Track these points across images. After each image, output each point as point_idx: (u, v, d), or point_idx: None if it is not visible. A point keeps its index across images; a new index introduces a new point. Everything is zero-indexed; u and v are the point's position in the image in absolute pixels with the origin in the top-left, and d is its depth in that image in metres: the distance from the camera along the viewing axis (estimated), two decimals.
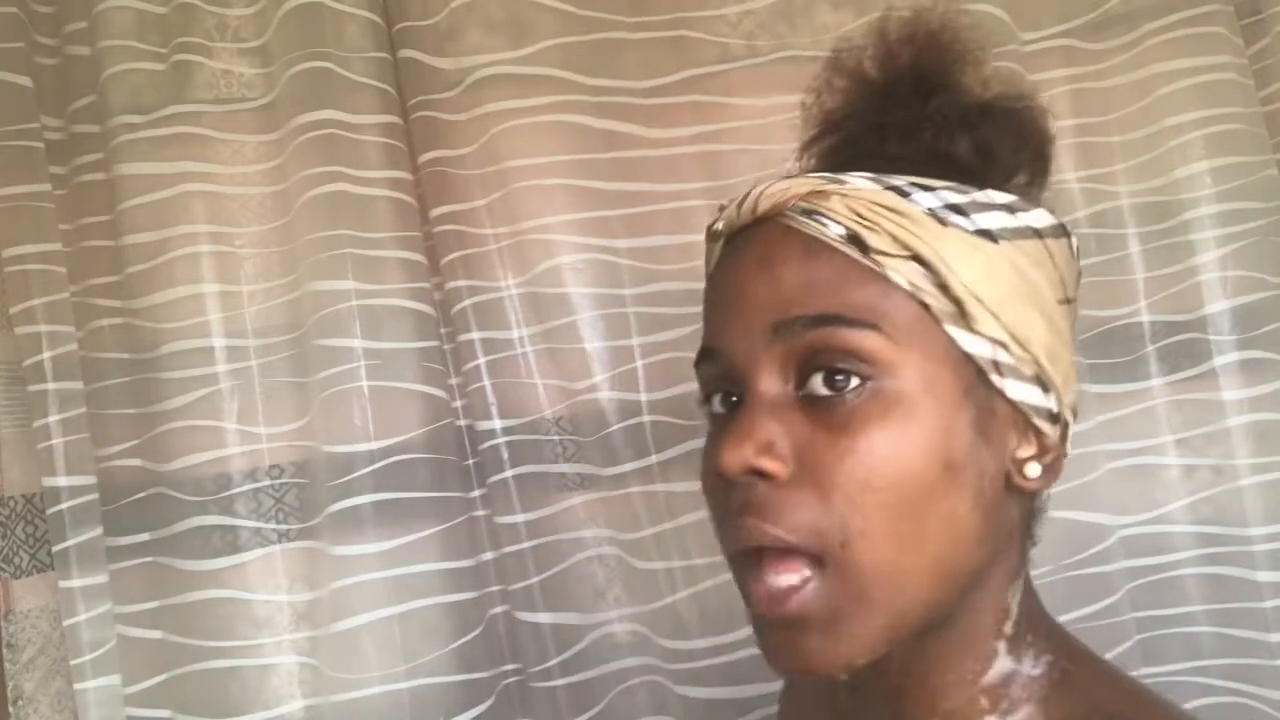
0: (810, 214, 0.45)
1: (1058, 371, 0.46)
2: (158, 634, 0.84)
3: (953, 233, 0.45)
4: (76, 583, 0.81)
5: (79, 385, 0.84)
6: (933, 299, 0.44)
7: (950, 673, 0.47)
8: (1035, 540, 0.50)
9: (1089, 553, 0.90)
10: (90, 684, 0.81)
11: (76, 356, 0.85)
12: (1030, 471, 0.47)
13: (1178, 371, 0.95)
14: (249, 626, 0.84)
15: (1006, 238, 0.46)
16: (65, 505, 0.81)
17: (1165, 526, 0.94)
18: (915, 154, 0.48)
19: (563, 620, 0.88)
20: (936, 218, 0.45)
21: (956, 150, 0.48)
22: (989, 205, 0.46)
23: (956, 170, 0.47)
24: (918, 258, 0.44)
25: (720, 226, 0.50)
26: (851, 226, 0.44)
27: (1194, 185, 0.93)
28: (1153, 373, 0.95)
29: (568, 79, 0.91)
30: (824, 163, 0.52)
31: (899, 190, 0.45)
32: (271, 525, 0.86)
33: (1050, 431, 0.47)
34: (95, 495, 0.84)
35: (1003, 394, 0.45)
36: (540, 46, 0.90)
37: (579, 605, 0.89)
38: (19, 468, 0.85)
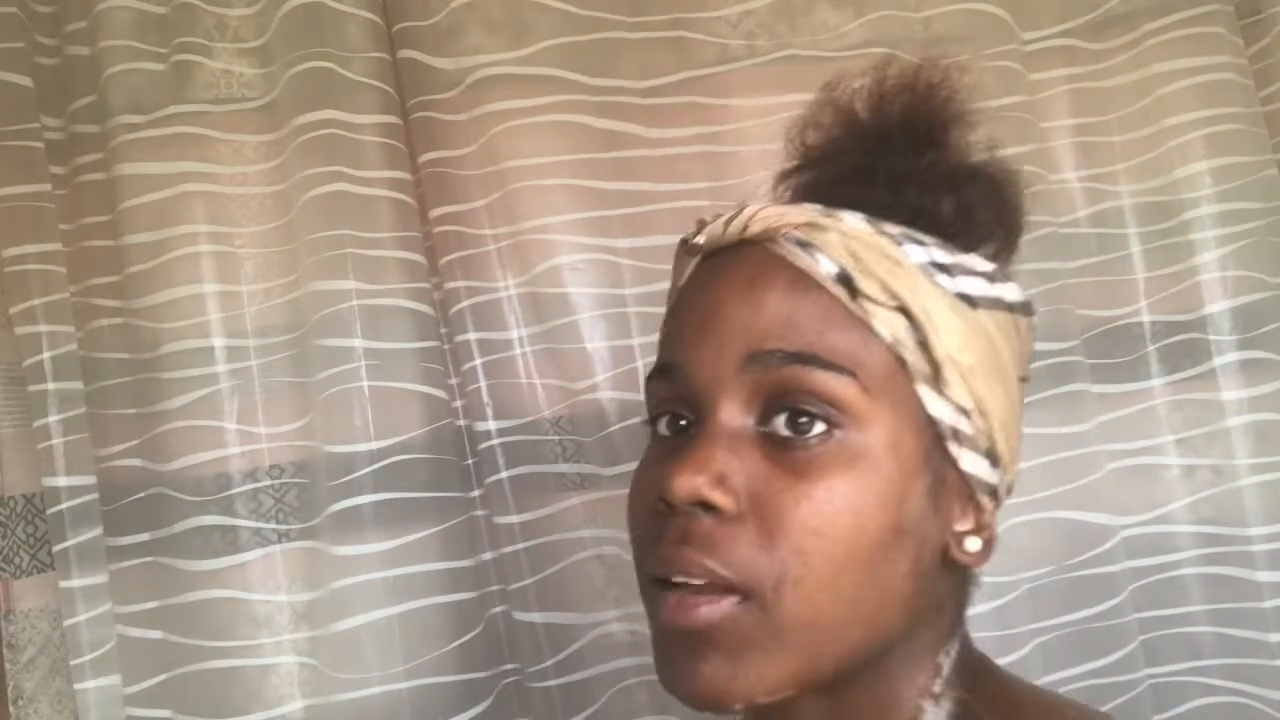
0: (804, 245, 0.44)
1: (1009, 448, 0.46)
2: (158, 634, 0.84)
3: (939, 292, 0.44)
4: (76, 583, 0.81)
5: (79, 385, 0.84)
6: (911, 355, 0.43)
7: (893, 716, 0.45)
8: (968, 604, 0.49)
9: (1092, 553, 0.90)
10: (90, 684, 0.81)
11: (76, 356, 0.85)
12: (970, 546, 0.46)
13: (1178, 371, 0.95)
14: (249, 626, 0.84)
15: (984, 306, 0.45)
16: (65, 505, 0.81)
17: (1166, 527, 0.94)
18: (899, 205, 0.47)
19: (561, 620, 0.88)
20: (926, 273, 0.44)
21: (940, 209, 0.47)
22: (971, 270, 0.46)
23: (934, 228, 0.47)
24: (905, 310, 0.43)
25: (701, 241, 0.48)
26: (845, 266, 0.43)
27: (1194, 185, 0.94)
28: (1153, 373, 0.96)
29: (568, 79, 0.91)
30: (801, 198, 0.51)
31: (894, 238, 0.45)
32: (271, 525, 0.85)
33: (989, 507, 0.47)
34: (95, 495, 0.84)
35: (956, 463, 0.45)
36: (540, 46, 0.90)
37: (578, 605, 0.89)
38: (19, 468, 0.85)
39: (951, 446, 0.44)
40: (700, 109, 0.93)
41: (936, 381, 0.44)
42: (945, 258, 0.45)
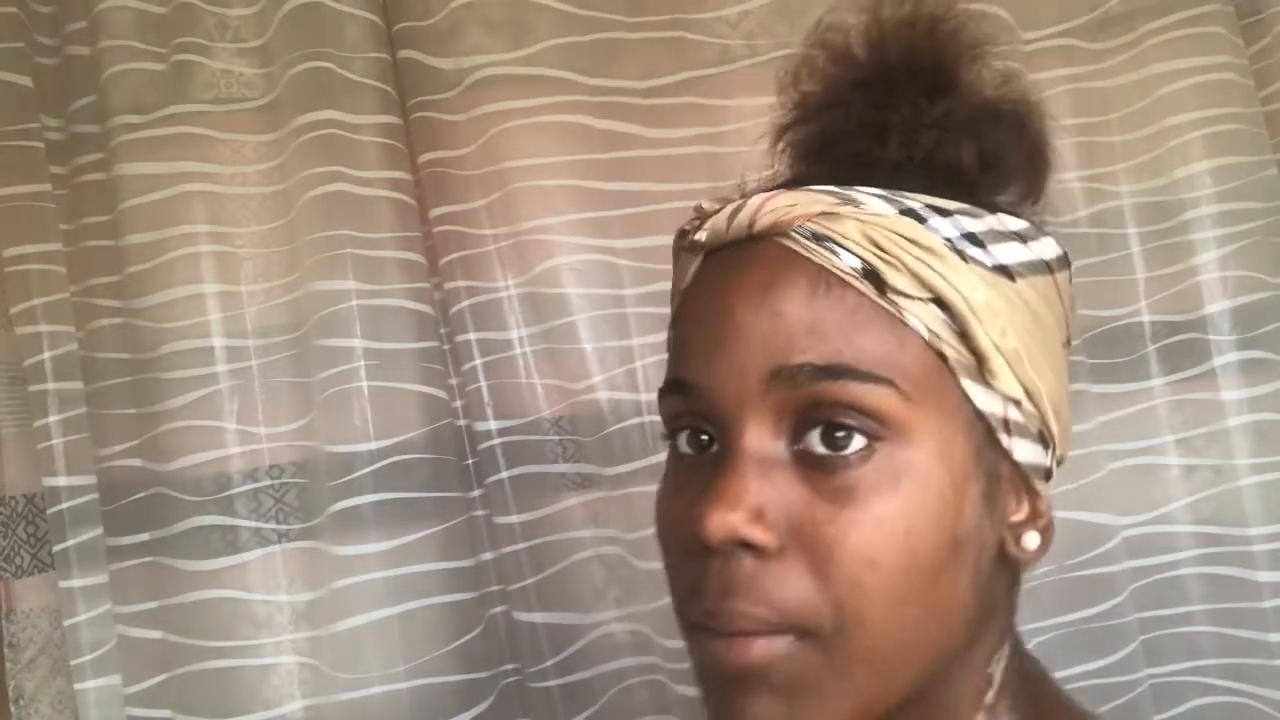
0: (820, 239, 0.39)
1: (1060, 425, 0.43)
2: (158, 634, 0.85)
3: (974, 270, 0.39)
4: (77, 583, 0.81)
5: (79, 385, 0.84)
6: (951, 350, 0.39)
7: None
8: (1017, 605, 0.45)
9: (1093, 553, 0.90)
10: (90, 684, 0.81)
11: (77, 356, 0.85)
12: (1029, 542, 0.42)
13: (1178, 371, 0.95)
14: (249, 626, 0.84)
15: (1022, 274, 0.41)
16: (65, 505, 0.82)
17: (1166, 527, 0.94)
18: (911, 159, 0.42)
19: (561, 620, 0.88)
20: (957, 251, 0.39)
21: (962, 160, 0.43)
22: (1004, 234, 0.41)
23: (957, 180, 0.42)
24: (939, 300, 0.39)
25: (702, 238, 0.43)
26: (869, 259, 0.39)
27: (1194, 185, 0.93)
28: (1153, 373, 0.95)
29: (568, 79, 0.91)
30: (802, 158, 0.47)
31: (916, 215, 0.40)
32: (271, 525, 0.86)
33: (1044, 491, 0.43)
34: (95, 495, 0.84)
35: (1009, 455, 0.41)
36: (540, 47, 0.90)
37: (578, 605, 0.89)
38: (19, 467, 0.85)
39: (1003, 439, 0.41)
40: (700, 109, 0.93)
41: (981, 374, 0.40)
42: (975, 225, 0.41)
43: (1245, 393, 0.92)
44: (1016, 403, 0.40)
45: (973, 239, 0.40)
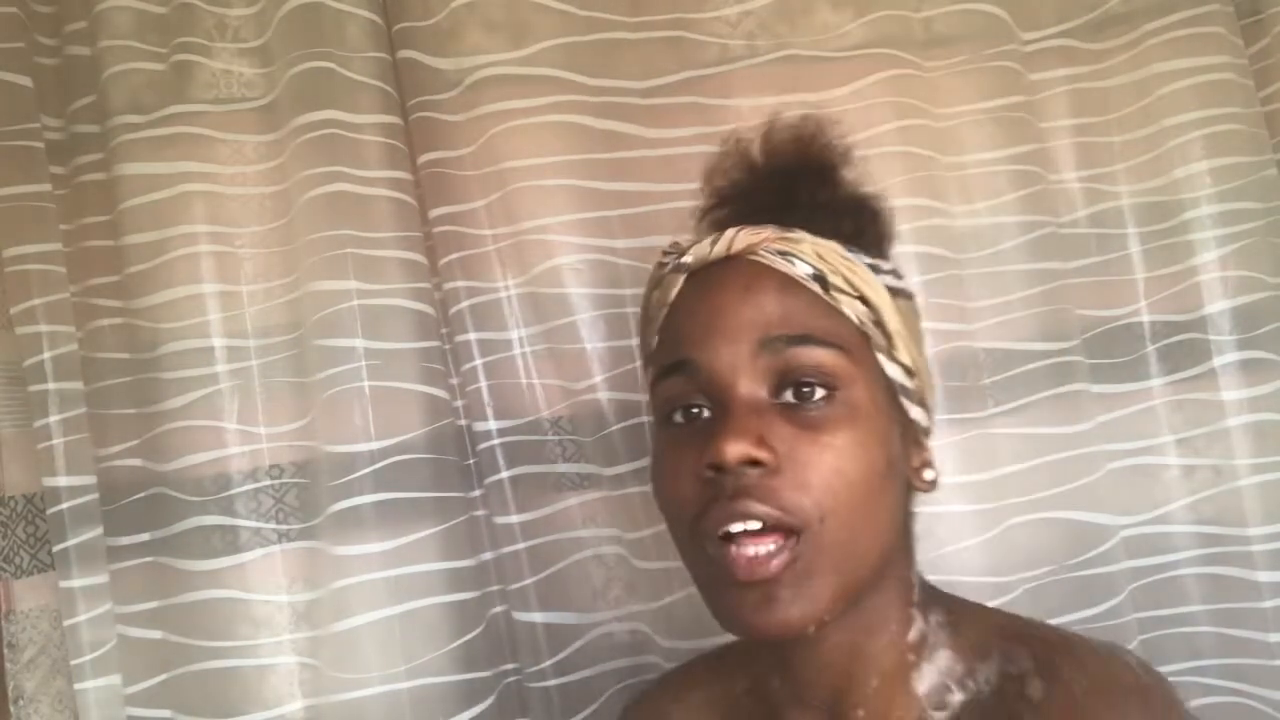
0: (784, 255, 0.56)
1: (931, 400, 0.61)
2: (158, 634, 0.84)
3: (879, 282, 0.57)
4: (77, 583, 0.81)
5: (79, 385, 0.84)
6: (871, 331, 0.56)
7: (883, 636, 0.56)
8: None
9: (1093, 553, 0.90)
10: (90, 684, 0.81)
11: (76, 356, 0.84)
12: (927, 475, 0.59)
13: (1178, 371, 0.95)
14: (249, 626, 0.84)
15: (901, 294, 0.59)
16: (65, 505, 0.81)
17: (1166, 527, 0.94)
18: (811, 228, 0.57)
19: (561, 620, 0.88)
20: (870, 269, 0.57)
21: (842, 228, 0.59)
22: (887, 270, 0.60)
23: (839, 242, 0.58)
24: (863, 298, 0.56)
25: (689, 260, 0.58)
26: (818, 268, 0.55)
27: (1194, 185, 0.94)
28: (1153, 373, 0.95)
29: (568, 79, 0.91)
30: (720, 230, 0.61)
31: (846, 246, 0.58)
32: (271, 525, 0.85)
33: (929, 446, 0.60)
34: (95, 495, 0.84)
35: (906, 413, 0.58)
36: (540, 47, 0.90)
37: (578, 605, 0.89)
38: (19, 468, 0.85)
39: (903, 399, 0.57)
40: (700, 109, 0.93)
41: (890, 350, 0.56)
42: (875, 261, 0.59)
43: (1245, 393, 0.92)
44: (909, 373, 0.57)
45: (874, 267, 0.58)
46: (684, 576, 0.90)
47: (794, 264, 0.55)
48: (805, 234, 0.57)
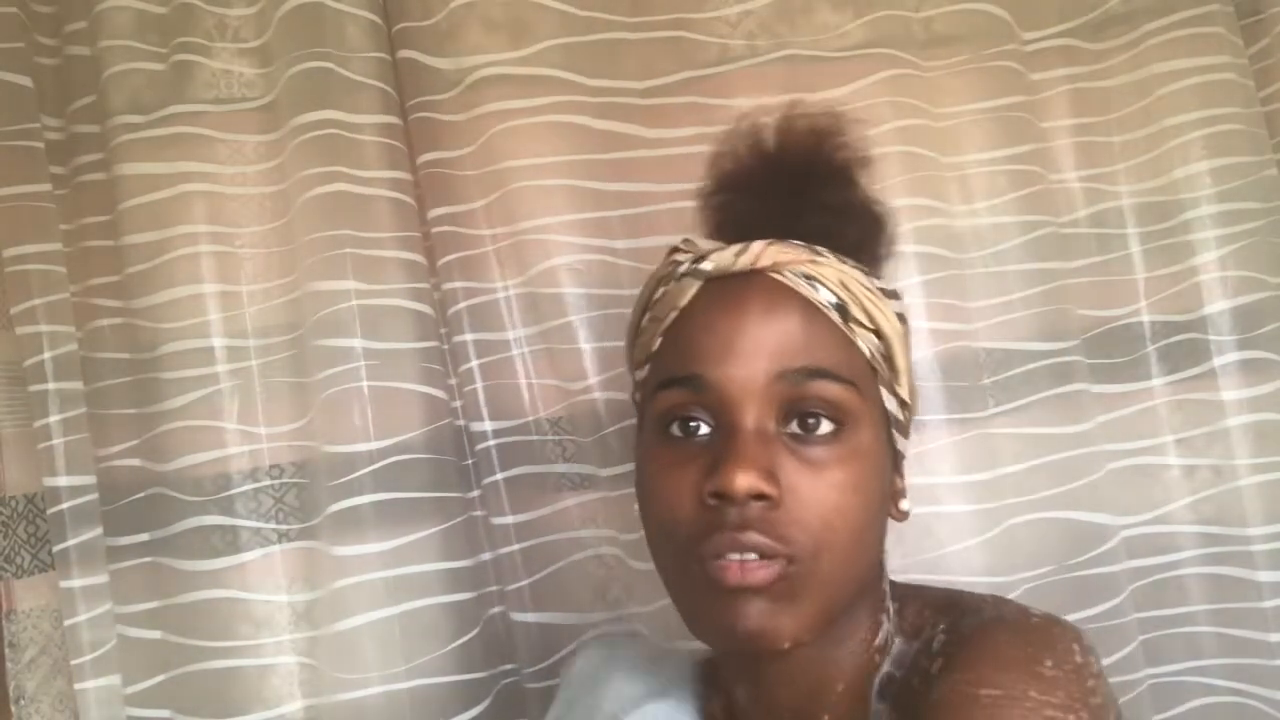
0: (809, 279, 0.54)
1: (911, 428, 0.60)
2: (158, 634, 0.85)
3: (890, 311, 0.56)
4: (77, 583, 0.81)
5: (79, 385, 0.84)
6: (879, 366, 0.55)
7: (852, 644, 0.56)
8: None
9: (1093, 553, 0.90)
10: (90, 684, 0.81)
11: (76, 356, 0.85)
12: (904, 506, 0.59)
13: (1178, 371, 0.95)
14: (249, 626, 0.84)
15: (902, 320, 0.58)
16: (65, 505, 0.81)
17: (1166, 527, 0.94)
18: (813, 230, 0.56)
19: (557, 620, 0.88)
20: (885, 297, 0.56)
21: (846, 235, 0.58)
22: (893, 294, 0.58)
23: (839, 250, 0.56)
24: (878, 331, 0.55)
25: (709, 267, 0.55)
26: (841, 297, 0.54)
27: (1194, 185, 0.93)
28: (1153, 373, 0.95)
29: (567, 79, 0.91)
30: (723, 218, 0.61)
31: (865, 272, 0.56)
32: (271, 525, 0.86)
33: (904, 473, 0.59)
34: (95, 495, 0.84)
35: (894, 444, 0.57)
36: (540, 47, 0.90)
37: (575, 605, 0.89)
38: (20, 468, 0.85)
39: (894, 432, 0.57)
40: (700, 109, 0.92)
41: (892, 383, 0.56)
42: (884, 283, 0.58)
43: (1245, 393, 0.92)
44: (904, 406, 0.57)
45: (888, 293, 0.57)
46: None
47: (817, 290, 0.54)
48: (831, 256, 0.55)
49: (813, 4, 0.94)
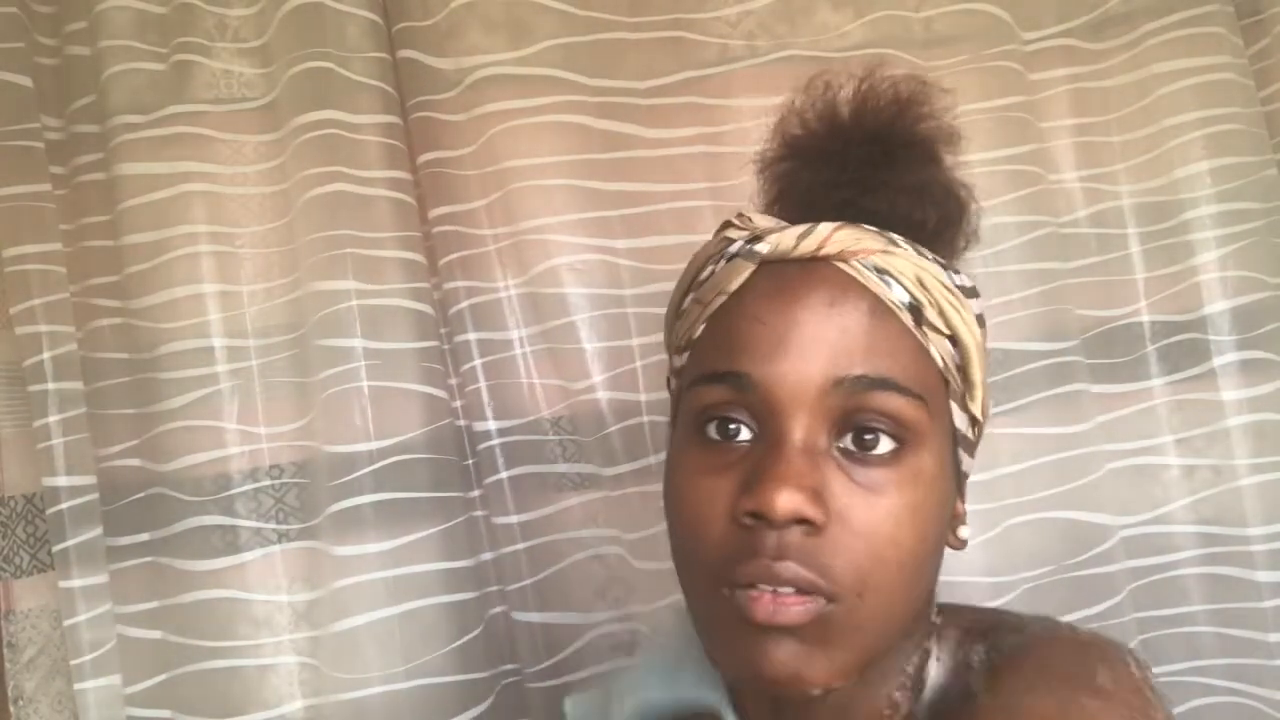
0: (880, 272, 0.46)
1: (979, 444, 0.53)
2: (158, 634, 0.84)
3: (970, 313, 0.48)
4: (76, 583, 0.81)
5: (79, 385, 0.84)
6: (953, 378, 0.48)
7: (893, 678, 0.50)
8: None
9: (1091, 553, 0.90)
10: (90, 684, 0.81)
11: (76, 356, 0.84)
12: (963, 534, 0.51)
13: (1178, 371, 0.95)
14: (249, 626, 0.84)
15: (980, 324, 0.50)
16: (65, 505, 0.81)
17: (1165, 527, 0.94)
18: (887, 211, 0.50)
19: (560, 620, 0.88)
20: (965, 296, 0.49)
21: (925, 219, 0.51)
22: (972, 290, 0.50)
23: (915, 237, 0.49)
24: (954, 338, 0.48)
25: (766, 250, 0.47)
26: (915, 295, 0.47)
27: (1194, 185, 0.93)
28: (1153, 373, 0.95)
29: (568, 79, 0.91)
30: (786, 186, 0.54)
31: (944, 267, 0.48)
32: (271, 525, 0.86)
33: (965, 496, 0.52)
34: (95, 495, 0.84)
35: (960, 465, 0.50)
36: (540, 47, 0.90)
37: (577, 605, 0.89)
38: (19, 468, 0.85)
39: (961, 452, 0.50)
40: (700, 109, 0.92)
41: (965, 399, 0.49)
42: (964, 280, 0.49)
43: (1245, 393, 0.92)
44: (974, 423, 0.50)
45: (968, 291, 0.49)
46: None
47: (890, 286, 0.46)
48: (909, 247, 0.47)
49: (813, 4, 0.94)
